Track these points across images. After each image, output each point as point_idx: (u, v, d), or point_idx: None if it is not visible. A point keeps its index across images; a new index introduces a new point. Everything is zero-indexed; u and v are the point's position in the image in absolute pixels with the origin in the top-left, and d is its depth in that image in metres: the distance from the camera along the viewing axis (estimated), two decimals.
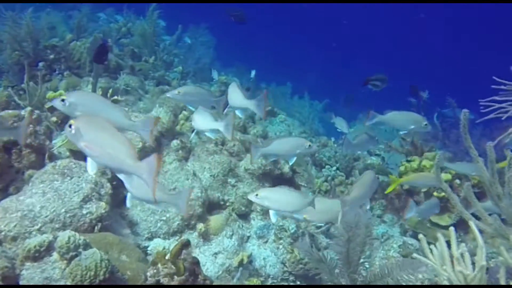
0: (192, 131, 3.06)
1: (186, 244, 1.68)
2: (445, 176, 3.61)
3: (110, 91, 3.53)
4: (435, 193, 3.66)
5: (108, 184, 2.55)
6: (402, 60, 20.40)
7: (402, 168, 3.98)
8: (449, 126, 3.88)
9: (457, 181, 3.65)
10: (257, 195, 2.27)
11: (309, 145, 2.72)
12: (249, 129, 4.30)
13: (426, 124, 3.09)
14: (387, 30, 23.32)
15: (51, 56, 4.47)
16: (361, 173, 5.21)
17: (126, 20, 6.95)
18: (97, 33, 6.04)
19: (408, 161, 4.02)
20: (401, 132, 3.19)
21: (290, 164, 2.99)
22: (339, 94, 10.53)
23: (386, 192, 3.59)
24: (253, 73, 4.78)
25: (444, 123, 3.91)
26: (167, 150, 3.02)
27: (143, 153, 2.82)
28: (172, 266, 1.62)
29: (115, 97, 3.45)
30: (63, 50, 4.65)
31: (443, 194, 3.64)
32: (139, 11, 7.03)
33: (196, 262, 1.71)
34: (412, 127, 3.10)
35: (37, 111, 2.71)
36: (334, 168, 4.98)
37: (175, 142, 3.28)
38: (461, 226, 3.72)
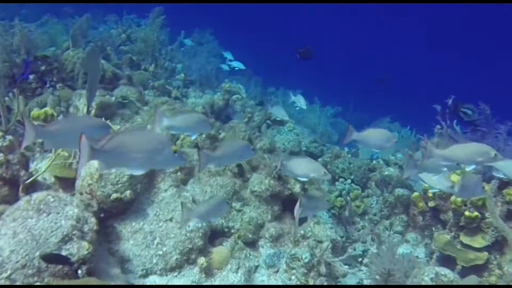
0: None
1: None
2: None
3: (93, 110, 3.17)
4: (466, 213, 3.26)
5: (93, 219, 2.20)
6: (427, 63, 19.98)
7: (426, 184, 3.58)
8: (481, 135, 3.46)
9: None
10: None
11: (495, 154, 2.22)
12: (255, 142, 3.92)
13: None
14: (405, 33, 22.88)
15: (42, 68, 4.15)
16: (378, 185, 4.87)
17: (126, 26, 6.64)
18: (95, 41, 5.75)
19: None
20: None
21: (471, 168, 2.35)
22: (350, 99, 10.16)
23: None
24: (299, 99, 3.69)
25: (477, 132, 3.48)
26: (163, 175, 2.66)
27: (133, 180, 2.47)
28: None
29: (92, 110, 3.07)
30: (56, 60, 4.33)
31: (475, 213, 3.24)
32: (140, 14, 6.76)
33: None
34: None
35: (9, 137, 2.36)
36: (349, 181, 4.60)
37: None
38: (495, 247, 3.33)
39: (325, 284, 2.77)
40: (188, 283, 2.56)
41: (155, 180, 2.58)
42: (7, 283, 1.91)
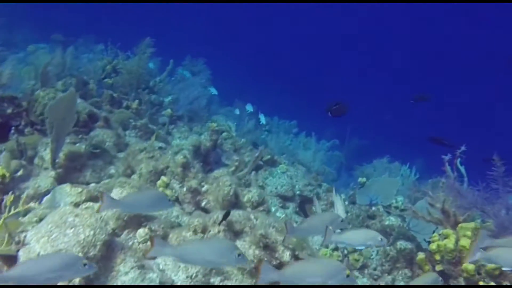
0: None
1: None
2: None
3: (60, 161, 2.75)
4: (481, 283, 2.85)
5: None
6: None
7: (433, 247, 3.16)
8: (495, 193, 3.07)
9: None
10: None
11: None
12: (241, 196, 3.53)
13: None
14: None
15: (9, 111, 3.77)
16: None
17: (112, 57, 6.31)
18: (77, 75, 5.40)
19: (440, 235, 3.22)
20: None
21: None
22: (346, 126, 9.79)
23: None
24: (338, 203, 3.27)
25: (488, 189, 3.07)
26: (123, 255, 2.23)
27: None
28: None
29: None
30: (29, 101, 3.95)
31: (491, 284, 2.83)
32: (126, 46, 6.44)
33: None
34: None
35: None
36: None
37: (141, 232, 2.53)
38: None
39: None
40: None
41: (113, 262, 2.17)
42: None
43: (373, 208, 4.65)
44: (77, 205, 2.50)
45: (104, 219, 2.19)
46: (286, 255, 2.82)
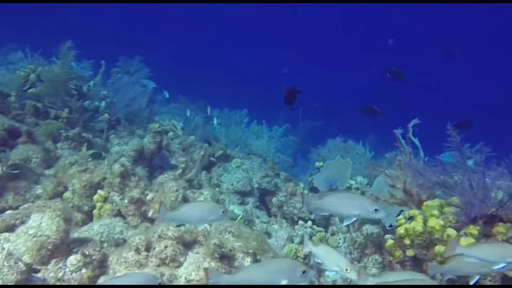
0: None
1: None
2: (465, 240, 2.63)
3: None
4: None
5: None
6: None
7: (401, 231, 2.97)
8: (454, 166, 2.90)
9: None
10: None
11: None
12: (192, 199, 3.19)
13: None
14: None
15: None
16: (341, 221, 4.30)
17: (35, 64, 5.68)
18: None
19: (406, 218, 3.04)
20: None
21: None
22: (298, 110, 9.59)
23: None
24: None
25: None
26: None
27: None
28: None
29: None
30: None
31: None
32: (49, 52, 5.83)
33: None
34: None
35: None
36: (309, 222, 3.97)
37: (73, 259, 2.14)
38: None
39: None
40: None
41: None
42: None
43: None
44: None
45: (15, 255, 1.79)
46: (247, 262, 2.54)
